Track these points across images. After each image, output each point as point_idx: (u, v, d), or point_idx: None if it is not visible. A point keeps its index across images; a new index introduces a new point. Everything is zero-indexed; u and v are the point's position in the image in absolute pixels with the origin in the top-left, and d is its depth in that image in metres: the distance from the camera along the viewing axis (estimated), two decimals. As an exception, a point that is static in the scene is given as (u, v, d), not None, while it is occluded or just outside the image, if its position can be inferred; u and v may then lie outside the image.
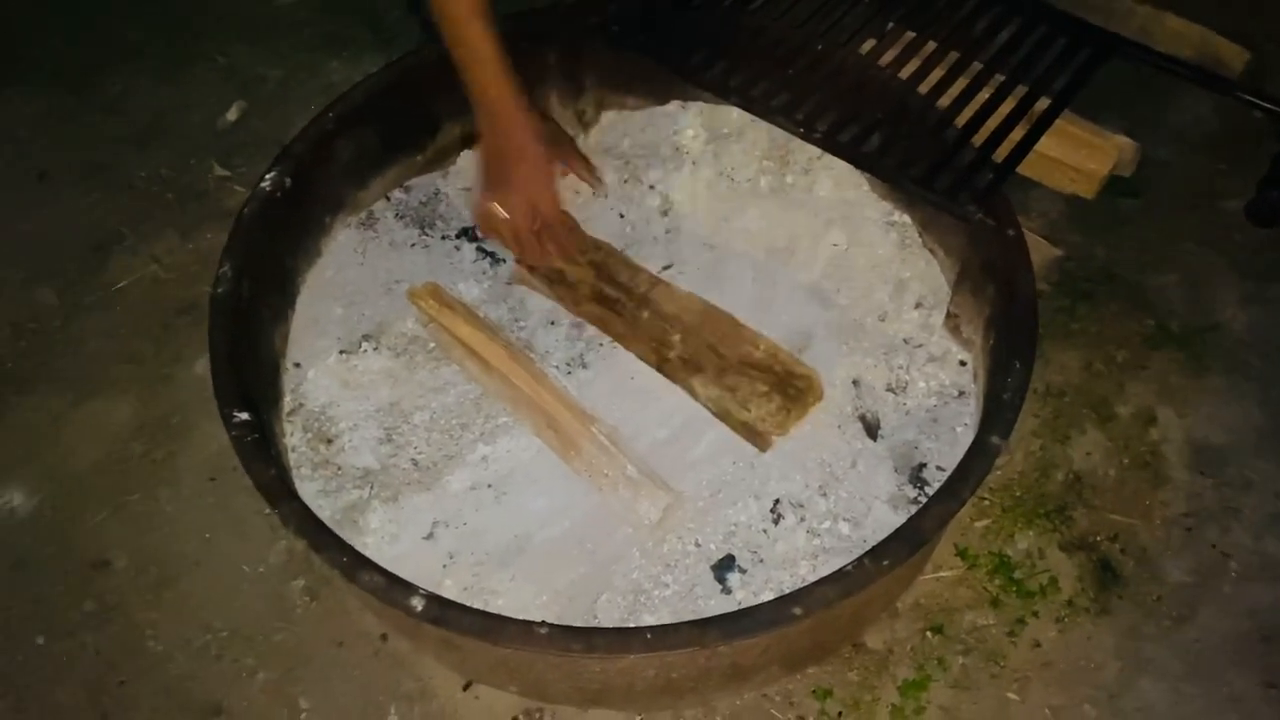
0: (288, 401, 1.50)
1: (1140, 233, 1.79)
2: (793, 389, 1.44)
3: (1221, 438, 1.57)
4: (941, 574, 1.45)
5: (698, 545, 1.36)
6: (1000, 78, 1.44)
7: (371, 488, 1.42)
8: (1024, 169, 1.61)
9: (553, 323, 1.56)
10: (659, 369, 1.49)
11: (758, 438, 1.42)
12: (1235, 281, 1.72)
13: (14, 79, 2.11)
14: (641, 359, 1.50)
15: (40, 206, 1.92)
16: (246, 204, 1.44)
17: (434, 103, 1.66)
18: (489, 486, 1.42)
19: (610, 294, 1.54)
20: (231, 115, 2.03)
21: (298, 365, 1.53)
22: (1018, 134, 1.38)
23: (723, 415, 1.45)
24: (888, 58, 1.46)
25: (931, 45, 1.47)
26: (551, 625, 1.11)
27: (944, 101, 1.43)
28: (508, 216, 1.46)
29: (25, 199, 1.93)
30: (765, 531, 1.37)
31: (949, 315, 1.50)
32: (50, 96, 2.08)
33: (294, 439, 1.47)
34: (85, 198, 1.93)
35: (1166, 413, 1.59)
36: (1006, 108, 1.40)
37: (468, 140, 1.73)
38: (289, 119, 1.90)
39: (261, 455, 1.24)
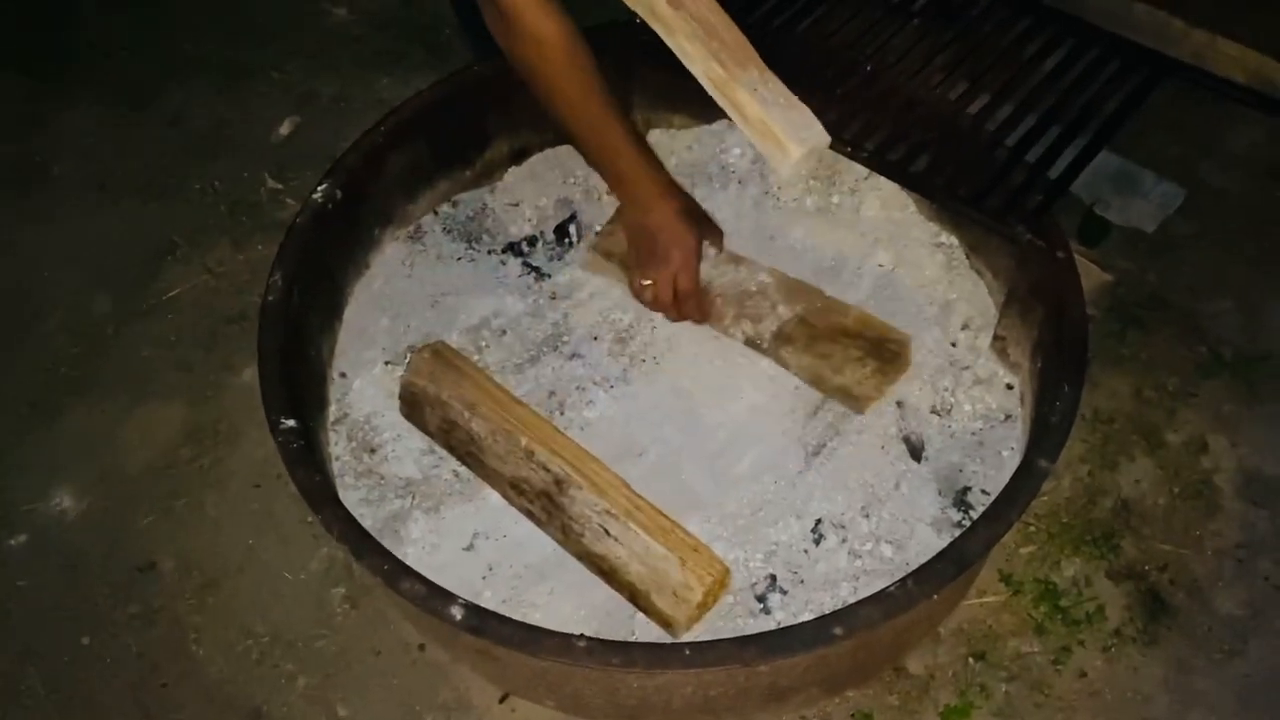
0: (333, 411, 1.52)
1: (1193, 259, 1.76)
2: (887, 352, 1.43)
3: (1275, 468, 1.54)
4: (986, 599, 1.43)
5: (737, 564, 1.35)
6: (1051, 99, 1.43)
7: (413, 498, 1.43)
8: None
9: (596, 338, 1.57)
10: (747, 343, 1.49)
11: (854, 401, 1.43)
12: (1291, 310, 1.70)
13: (78, 91, 2.17)
14: (728, 334, 1.51)
15: (99, 215, 1.97)
16: (298, 215, 1.47)
17: (483, 118, 1.68)
18: (530, 500, 1.42)
19: None
20: (285, 129, 2.07)
21: (344, 375, 1.55)
22: (1068, 156, 1.36)
23: (816, 382, 1.45)
24: (936, 78, 1.45)
25: (981, 66, 1.46)
26: (590, 638, 1.10)
27: (993, 123, 1.42)
28: (650, 285, 1.42)
29: (85, 208, 1.98)
30: (806, 551, 1.36)
31: (996, 338, 1.49)
32: (112, 108, 2.14)
33: (338, 447, 1.48)
34: (142, 207, 1.97)
35: (1219, 441, 1.56)
36: (1057, 129, 1.39)
37: (516, 156, 1.74)
38: (341, 133, 1.93)
39: (306, 461, 1.25)
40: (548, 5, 1.25)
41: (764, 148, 1.34)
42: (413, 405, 1.45)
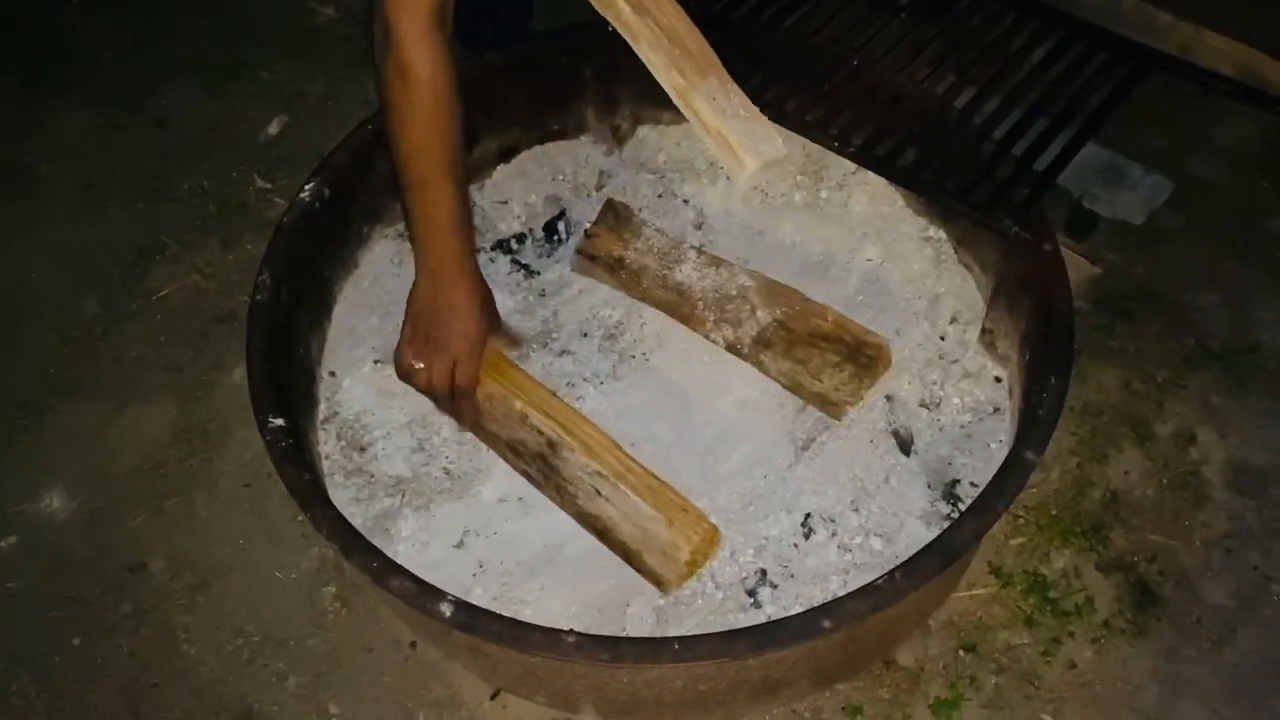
0: (322, 409, 1.51)
1: (1181, 251, 1.77)
2: (864, 357, 1.44)
3: (1263, 459, 1.54)
4: (975, 591, 1.44)
5: (727, 558, 1.35)
6: (1038, 92, 1.43)
7: (403, 496, 1.43)
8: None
9: (585, 334, 1.57)
10: (728, 348, 1.50)
11: (832, 408, 1.43)
12: (1278, 302, 1.70)
13: (67, 92, 2.16)
14: (709, 339, 1.52)
15: (87, 216, 1.96)
16: (286, 214, 1.47)
17: (471, 117, 1.65)
18: (519, 499, 1.42)
19: (675, 278, 1.54)
20: (273, 129, 2.06)
21: (333, 374, 1.55)
22: (1055, 149, 1.37)
23: (795, 388, 1.46)
24: (923, 72, 1.46)
25: (968, 60, 1.47)
26: (579, 634, 1.10)
27: (980, 116, 1.42)
28: (424, 369, 1.32)
29: (73, 209, 1.97)
30: (796, 546, 1.36)
31: (984, 331, 1.49)
32: (100, 109, 2.13)
33: (328, 446, 1.48)
34: (130, 208, 1.97)
35: (1207, 433, 1.57)
36: (1044, 122, 1.39)
37: (504, 154, 1.75)
38: (329, 132, 1.92)
39: (295, 460, 1.25)
40: (433, 42, 1.16)
41: (721, 157, 1.35)
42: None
